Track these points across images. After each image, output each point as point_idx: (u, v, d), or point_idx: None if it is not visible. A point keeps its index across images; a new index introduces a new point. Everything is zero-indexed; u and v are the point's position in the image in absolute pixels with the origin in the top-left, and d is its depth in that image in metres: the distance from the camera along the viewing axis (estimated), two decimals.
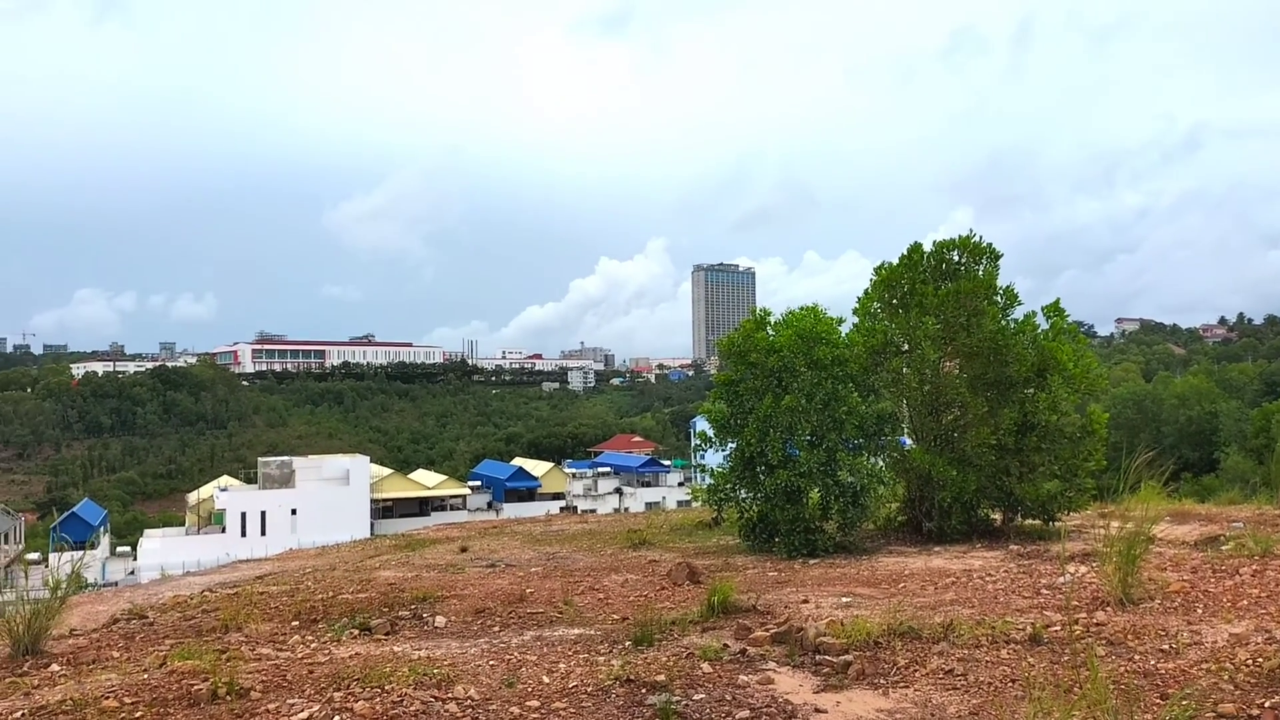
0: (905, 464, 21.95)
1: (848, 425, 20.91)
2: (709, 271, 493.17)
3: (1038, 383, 21.55)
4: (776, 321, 22.84)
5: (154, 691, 9.37)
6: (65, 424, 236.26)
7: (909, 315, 22.16)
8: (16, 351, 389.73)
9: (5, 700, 9.74)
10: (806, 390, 20.94)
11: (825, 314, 22.62)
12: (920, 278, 22.68)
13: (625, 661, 9.90)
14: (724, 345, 23.32)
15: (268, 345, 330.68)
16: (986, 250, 22.86)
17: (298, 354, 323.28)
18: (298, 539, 57.97)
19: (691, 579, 16.04)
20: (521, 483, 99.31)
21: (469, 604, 14.66)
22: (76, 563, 16.43)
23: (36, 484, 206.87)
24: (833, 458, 20.64)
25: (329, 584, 18.31)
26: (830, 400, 20.91)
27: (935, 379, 22.13)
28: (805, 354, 21.31)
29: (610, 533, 27.02)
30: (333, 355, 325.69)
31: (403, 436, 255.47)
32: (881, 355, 22.40)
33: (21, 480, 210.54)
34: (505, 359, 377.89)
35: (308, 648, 11.58)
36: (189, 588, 20.54)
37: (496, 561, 20.92)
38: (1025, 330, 22.19)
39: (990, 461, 21.14)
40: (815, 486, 20.82)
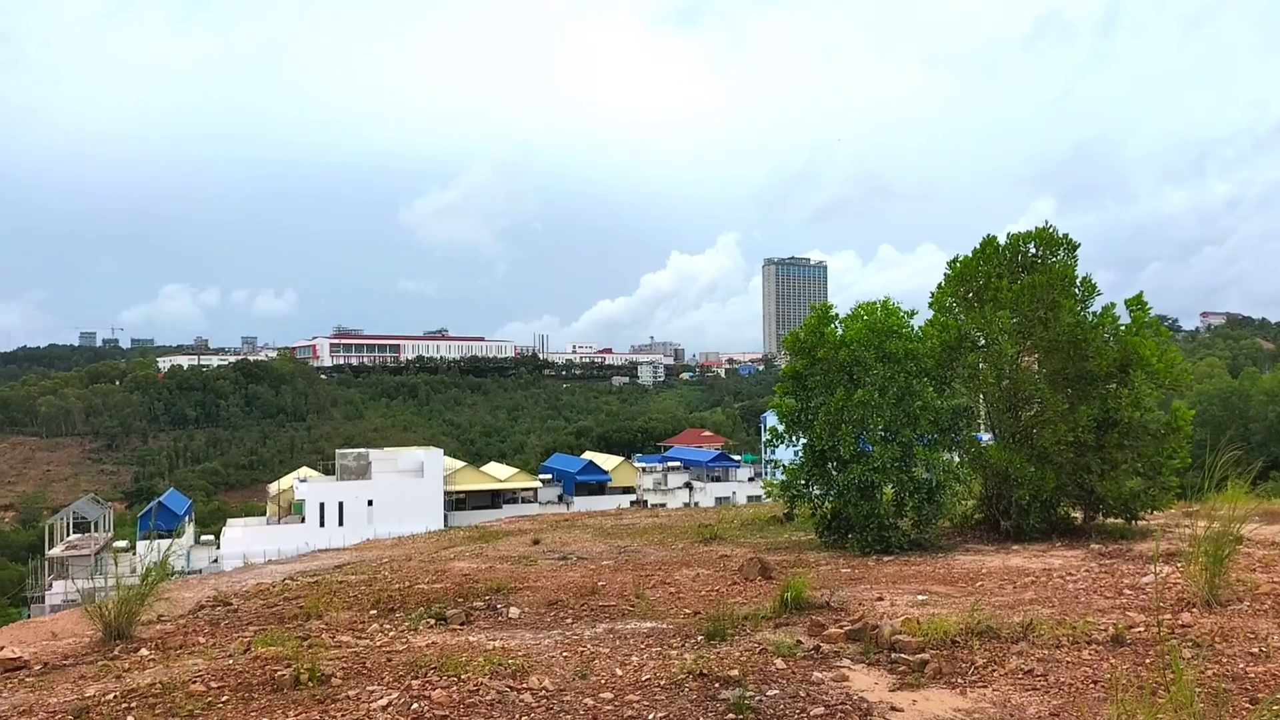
0: (982, 460, 21.58)
1: (922, 420, 20.62)
2: (780, 265, 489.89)
3: (1119, 378, 21.02)
4: (845, 315, 22.60)
5: (239, 677, 9.64)
6: (152, 416, 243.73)
7: (984, 309, 21.78)
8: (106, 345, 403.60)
9: (98, 682, 10.12)
10: (879, 384, 20.70)
11: (896, 307, 22.32)
12: (996, 271, 22.26)
13: (698, 656, 9.91)
14: (790, 341, 23.15)
15: (345, 340, 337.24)
16: (1063, 242, 22.35)
17: (374, 348, 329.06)
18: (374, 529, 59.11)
19: (763, 574, 15.99)
20: (592, 476, 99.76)
21: (542, 596, 14.81)
22: (164, 551, 16.98)
23: (125, 474, 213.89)
24: (907, 453, 20.38)
25: (405, 574, 18.64)
26: (904, 395, 20.64)
27: (1013, 374, 21.72)
28: (876, 347, 21.05)
29: (681, 527, 27.04)
30: (407, 349, 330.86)
31: (475, 430, 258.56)
32: (957, 350, 22.05)
33: (110, 470, 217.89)
34: (575, 353, 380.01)
35: (386, 636, 11.81)
36: (271, 576, 21.07)
37: (568, 554, 21.08)
38: (1105, 324, 21.64)
39: (1070, 459, 20.69)
40: (889, 482, 20.59)
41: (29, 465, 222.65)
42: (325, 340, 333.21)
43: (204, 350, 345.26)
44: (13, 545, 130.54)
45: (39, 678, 10.71)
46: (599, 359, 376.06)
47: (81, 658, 11.72)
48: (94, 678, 10.42)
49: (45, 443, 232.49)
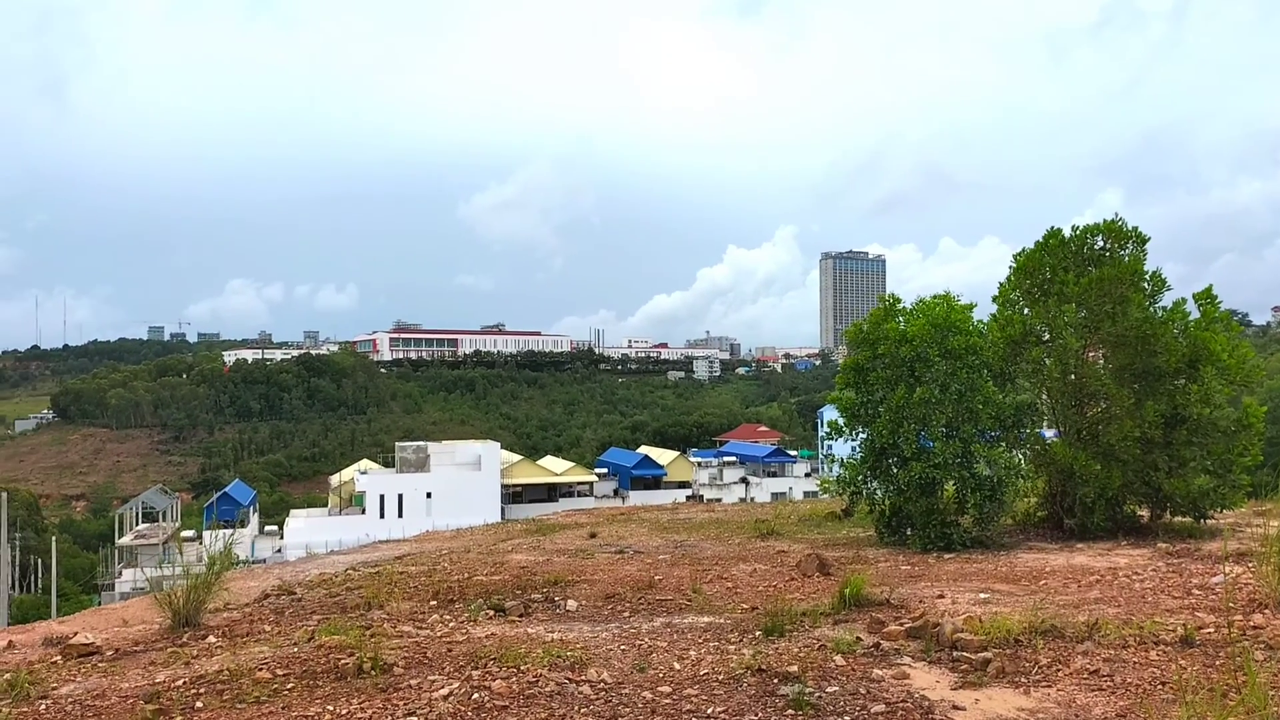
0: (1045, 457, 21.22)
1: (984, 416, 20.31)
2: (838, 259, 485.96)
3: (1188, 374, 20.51)
4: (907, 310, 22.33)
5: (303, 664, 9.82)
6: (218, 408, 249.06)
7: (1049, 303, 21.39)
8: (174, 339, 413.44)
9: (168, 669, 10.37)
10: (940, 380, 20.42)
11: (958, 302, 22.00)
12: (1061, 264, 21.84)
13: (756, 651, 9.88)
14: (852, 334, 22.94)
15: (404, 334, 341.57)
16: (1132, 234, 21.84)
17: (432, 342, 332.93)
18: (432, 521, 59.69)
19: (821, 571, 15.89)
20: (647, 471, 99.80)
21: (599, 589, 14.87)
22: (229, 540, 17.35)
23: (191, 465, 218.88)
24: (969, 450, 20.08)
25: (464, 566, 18.83)
26: (966, 391, 20.34)
27: (1078, 369, 21.31)
28: (938, 343, 20.77)
29: (737, 522, 26.97)
30: (465, 344, 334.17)
31: (531, 424, 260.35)
32: (1021, 345, 21.69)
33: (178, 461, 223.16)
34: (631, 348, 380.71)
35: (446, 627, 11.95)
36: (333, 566, 21.42)
37: (625, 548, 21.14)
38: (1174, 318, 21.13)
39: (1136, 456, 20.24)
40: (950, 479, 20.32)
41: (100, 456, 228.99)
42: (385, 334, 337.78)
43: (268, 344, 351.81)
44: (84, 534, 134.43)
45: (111, 663, 11.01)
46: (654, 353, 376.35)
47: (151, 644, 12.02)
48: (164, 664, 10.68)
49: (115, 434, 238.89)
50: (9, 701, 9.34)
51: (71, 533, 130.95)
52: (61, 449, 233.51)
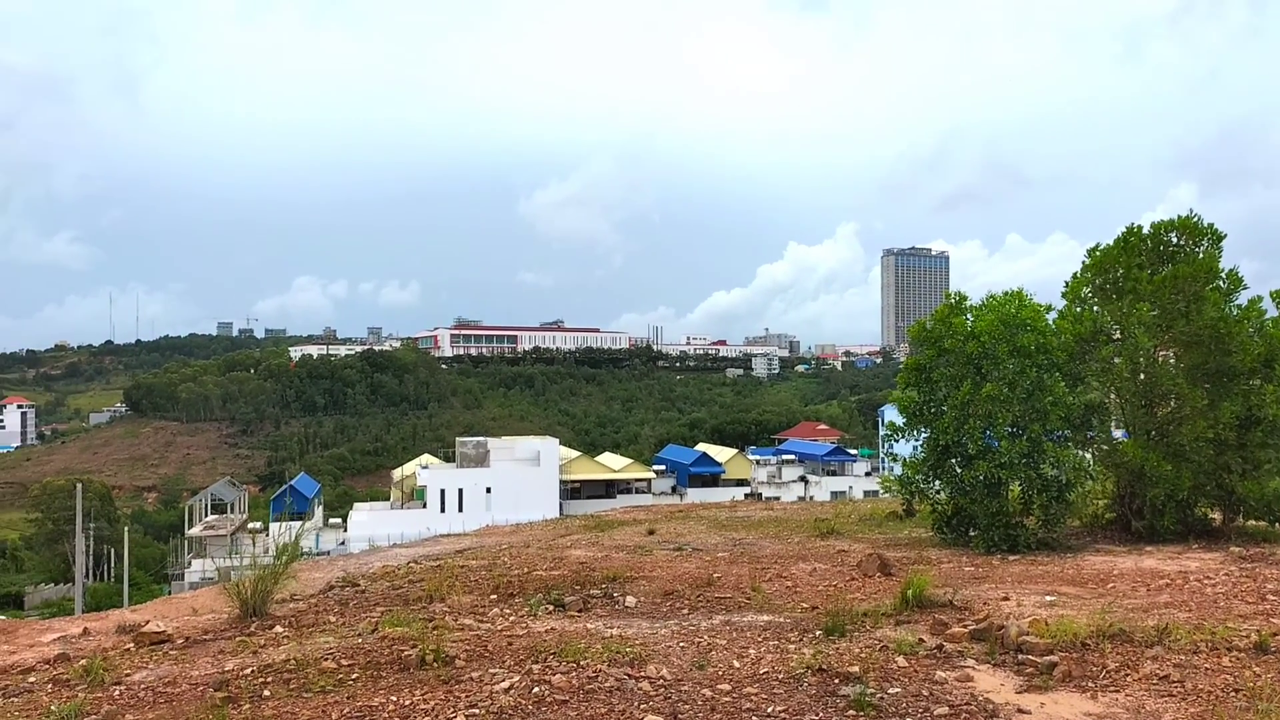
0: (1115, 458, 20.76)
1: (1052, 416, 19.91)
2: (899, 256, 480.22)
3: (1264, 374, 19.95)
4: (975, 306, 21.97)
5: (368, 655, 9.97)
6: (284, 403, 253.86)
7: (1122, 301, 20.92)
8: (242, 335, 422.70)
9: (236, 657, 10.60)
10: (1008, 379, 20.05)
11: (1030, 299, 21.58)
12: (1135, 261, 21.36)
13: (817, 651, 9.81)
14: (916, 330, 22.65)
15: (465, 330, 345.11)
16: (1208, 231, 21.28)
17: (492, 339, 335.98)
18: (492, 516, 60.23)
19: (883, 571, 15.72)
20: (705, 468, 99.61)
21: (658, 585, 14.88)
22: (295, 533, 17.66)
23: (258, 458, 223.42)
24: (1036, 449, 19.72)
25: (524, 560, 18.96)
26: (1034, 389, 19.97)
27: (1150, 369, 20.83)
28: (1007, 341, 20.39)
29: (796, 521, 26.81)
30: (524, 340, 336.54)
31: (590, 420, 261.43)
32: (1091, 343, 21.24)
33: (246, 455, 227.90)
34: (689, 345, 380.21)
35: (506, 621, 12.04)
36: (395, 559, 21.71)
37: (683, 545, 21.12)
38: (1250, 317, 20.56)
39: (1208, 457, 19.73)
40: (1016, 479, 19.97)
41: (170, 449, 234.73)
42: (446, 331, 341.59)
43: (332, 340, 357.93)
44: (155, 525, 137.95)
45: (181, 651, 11.28)
46: (713, 351, 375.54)
47: (220, 633, 12.29)
48: (232, 652, 10.92)
49: (185, 427, 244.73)
50: (84, 687, 9.62)
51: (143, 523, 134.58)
52: (134, 442, 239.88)
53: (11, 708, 9.10)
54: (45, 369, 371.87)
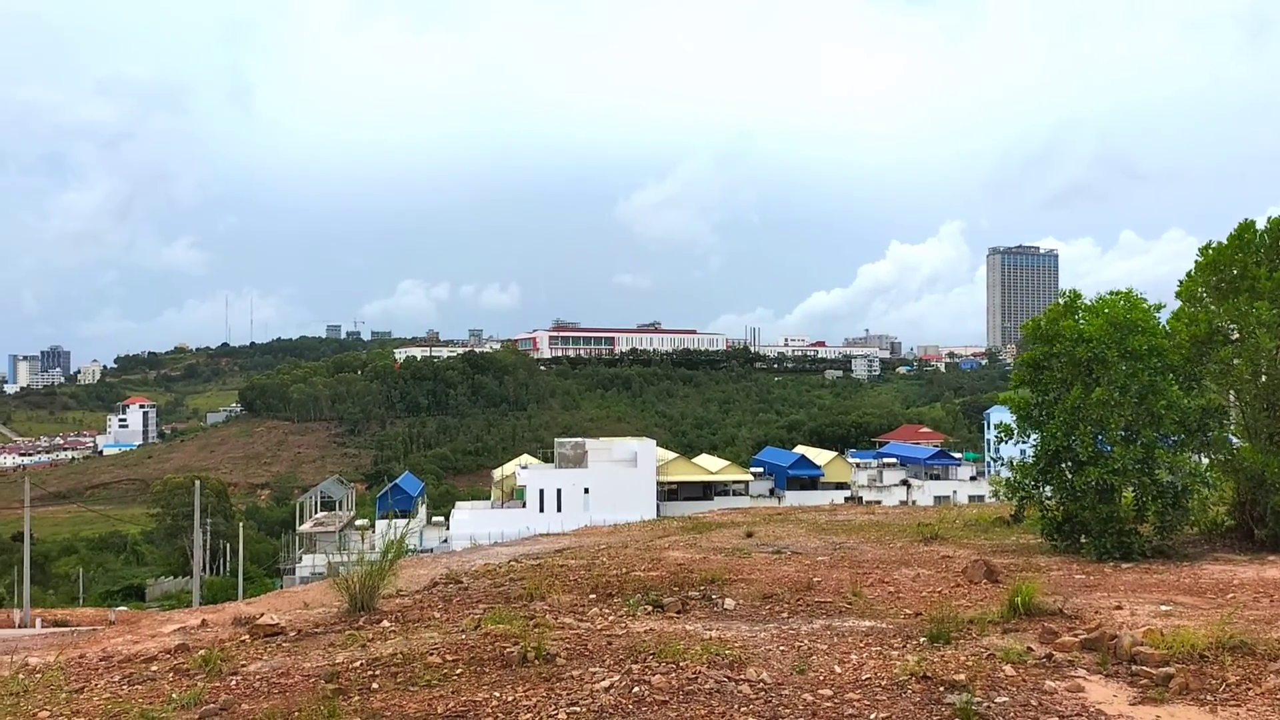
0: (1234, 464, 19.86)
1: (1167, 420, 19.15)
2: (1006, 255, 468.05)
3: None
4: (1086, 307, 21.26)
5: (471, 651, 10.15)
6: (389, 403, 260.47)
7: (1239, 300, 20.01)
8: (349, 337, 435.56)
9: (346, 650, 10.91)
10: (1120, 382, 19.36)
11: (1141, 300, 20.79)
12: (1253, 258, 20.41)
13: (921, 658, 9.63)
14: (1029, 329, 22.03)
15: (563, 332, 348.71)
16: None
17: (590, 340, 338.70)
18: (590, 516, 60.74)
19: (989, 577, 15.35)
20: (804, 471, 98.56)
21: (756, 588, 14.79)
22: (401, 530, 18.10)
23: (365, 457, 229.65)
24: (1150, 455, 18.99)
25: (622, 561, 19.07)
26: (1147, 393, 19.24)
27: (1271, 370, 19.87)
28: (1118, 343, 19.69)
29: (898, 525, 26.35)
30: (621, 342, 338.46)
31: (686, 421, 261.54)
32: (1207, 344, 20.37)
33: (353, 454, 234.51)
34: (787, 346, 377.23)
35: (605, 620, 12.13)
36: (496, 557, 22.07)
37: (782, 548, 20.96)
38: None
39: None
40: (1130, 485, 19.28)
41: (282, 448, 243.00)
42: (545, 333, 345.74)
43: (435, 342, 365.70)
44: (268, 520, 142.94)
45: (294, 643, 11.66)
46: (811, 352, 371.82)
47: (330, 626, 12.66)
48: (342, 645, 11.24)
49: (296, 427, 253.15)
50: (203, 676, 10.02)
51: (256, 519, 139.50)
52: (248, 440, 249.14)
53: (135, 695, 9.53)
54: (165, 370, 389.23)
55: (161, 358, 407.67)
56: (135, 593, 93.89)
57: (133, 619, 32.60)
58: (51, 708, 9.17)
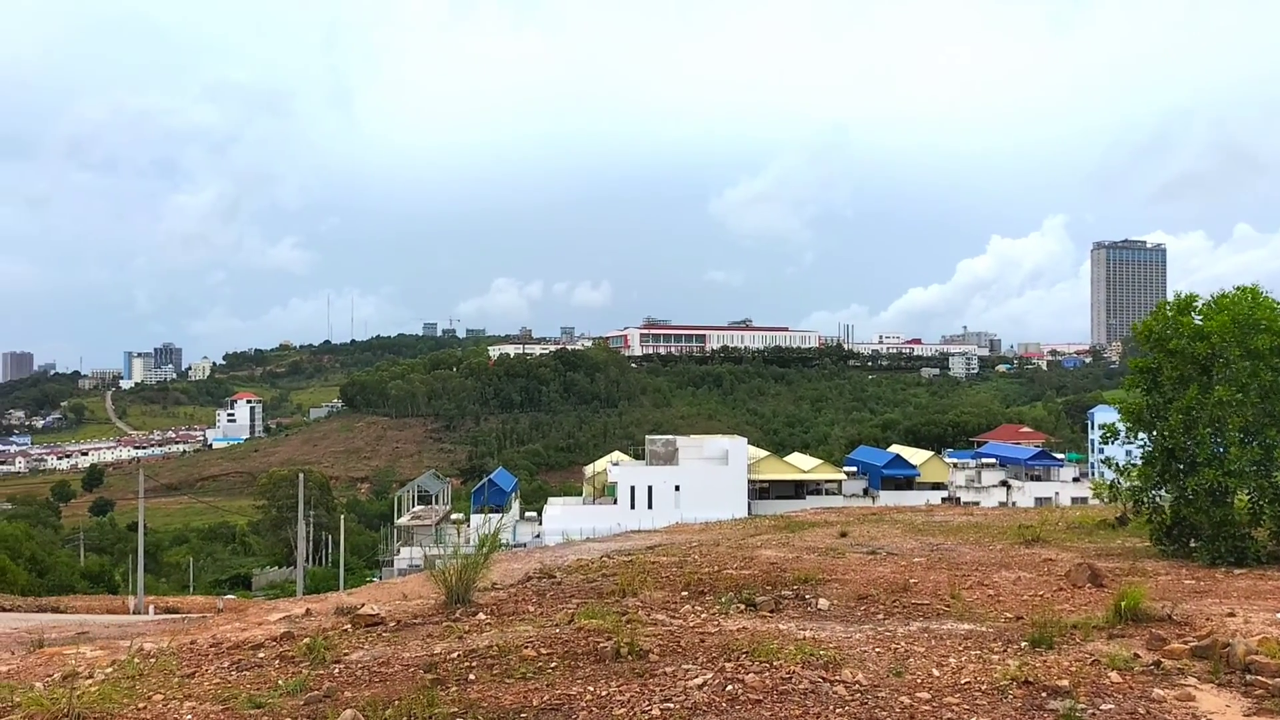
0: None
1: None
2: (1111, 249, 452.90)
3: None
4: (1205, 305, 20.39)
5: (565, 645, 10.26)
6: (483, 400, 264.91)
7: None
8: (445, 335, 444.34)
9: (443, 641, 11.12)
10: (1240, 381, 18.54)
11: (1266, 296, 19.85)
12: None
13: (1022, 662, 9.39)
14: (1141, 330, 21.25)
15: (654, 330, 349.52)
16: None
17: (680, 338, 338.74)
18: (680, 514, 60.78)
19: (1093, 581, 14.89)
20: (899, 470, 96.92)
21: (851, 589, 14.61)
22: (495, 525, 18.38)
23: (460, 452, 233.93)
24: (1269, 456, 18.17)
25: (714, 559, 19.03)
26: (1269, 393, 18.39)
27: None
28: (1239, 342, 18.83)
29: (998, 527, 25.74)
30: (712, 339, 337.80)
31: (778, 420, 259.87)
32: None
33: (448, 449, 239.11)
34: (882, 344, 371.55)
35: (698, 617, 12.12)
36: (589, 553, 22.25)
37: (878, 549, 20.67)
38: None
39: None
40: (1245, 488, 18.47)
41: (381, 442, 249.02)
42: (636, 330, 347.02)
43: (528, 340, 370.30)
44: (367, 513, 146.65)
45: (393, 634, 11.94)
46: (907, 349, 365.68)
47: (428, 618, 12.93)
48: (439, 637, 11.47)
49: (394, 422, 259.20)
50: (307, 664, 10.33)
51: (356, 512, 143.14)
52: (348, 435, 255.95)
53: (244, 680, 9.88)
54: (271, 367, 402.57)
55: (267, 355, 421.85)
56: (242, 582, 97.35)
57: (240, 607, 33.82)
58: (165, 691, 9.55)
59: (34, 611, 35.94)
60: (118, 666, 11.18)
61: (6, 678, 12.53)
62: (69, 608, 39.75)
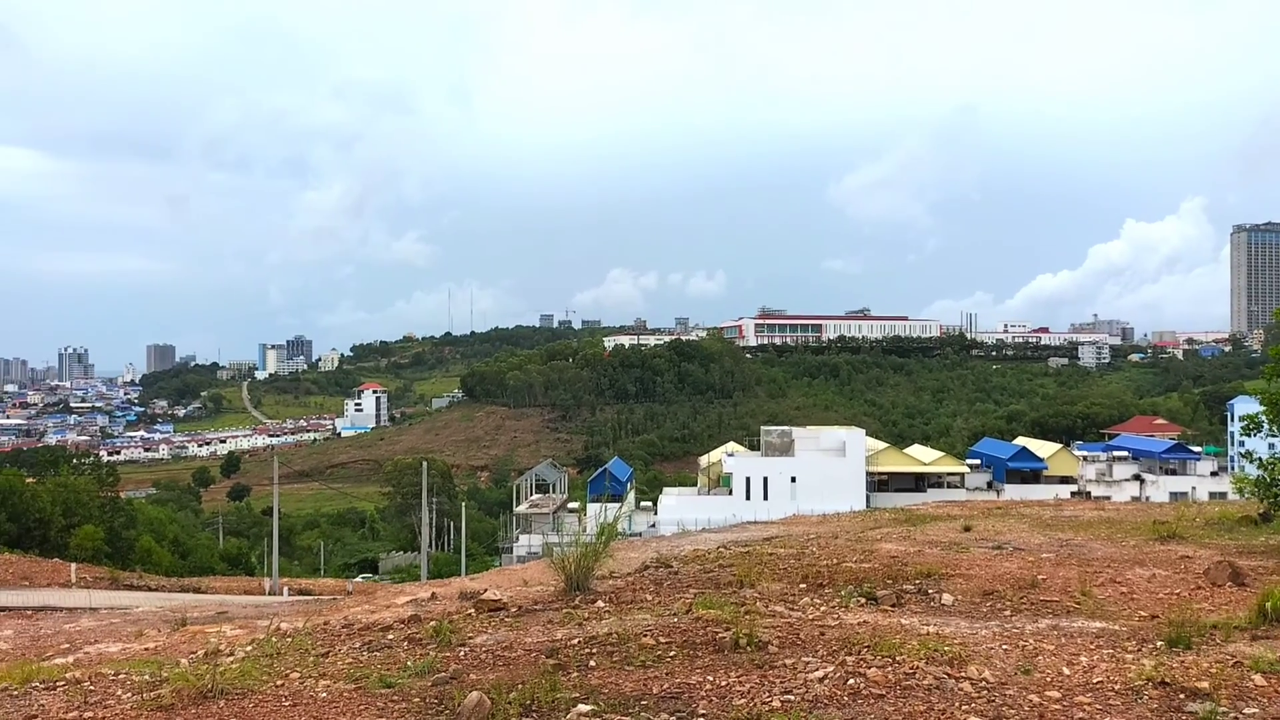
0: None
1: None
2: (1253, 232, 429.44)
3: None
4: None
5: (683, 634, 10.31)
6: (599, 390, 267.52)
7: None
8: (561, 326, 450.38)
9: (564, 628, 11.31)
10: None
11: None
12: None
13: (1158, 662, 9.03)
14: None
15: (769, 320, 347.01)
16: None
17: (796, 328, 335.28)
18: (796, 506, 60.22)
19: (1234, 580, 14.20)
20: (1025, 463, 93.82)
21: (975, 584, 14.27)
22: (614, 514, 18.57)
23: (576, 442, 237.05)
24: None
25: (832, 551, 18.80)
26: None
27: None
28: None
29: (1131, 522, 24.74)
30: (829, 329, 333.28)
31: (897, 411, 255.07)
32: None
33: (565, 439, 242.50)
34: (1007, 332, 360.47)
35: (817, 610, 12.01)
36: (705, 543, 22.25)
37: (1003, 544, 20.10)
38: None
39: None
40: None
41: (500, 432, 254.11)
42: (750, 321, 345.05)
43: (642, 330, 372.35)
44: (487, 501, 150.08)
45: (515, 619, 12.19)
46: (1033, 339, 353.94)
47: (548, 604, 13.16)
48: (560, 623, 11.66)
49: (512, 412, 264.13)
50: (434, 646, 10.64)
51: (477, 500, 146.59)
52: (469, 425, 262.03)
53: (374, 661, 10.24)
54: (395, 358, 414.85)
55: (391, 346, 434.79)
56: (369, 565, 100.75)
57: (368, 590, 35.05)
58: (301, 669, 9.98)
59: (177, 591, 38.00)
60: (256, 645, 11.74)
61: (155, 654, 13.30)
62: (209, 588, 41.88)
